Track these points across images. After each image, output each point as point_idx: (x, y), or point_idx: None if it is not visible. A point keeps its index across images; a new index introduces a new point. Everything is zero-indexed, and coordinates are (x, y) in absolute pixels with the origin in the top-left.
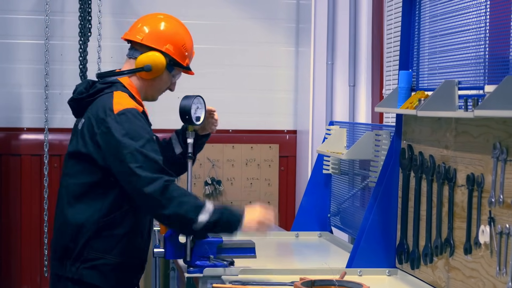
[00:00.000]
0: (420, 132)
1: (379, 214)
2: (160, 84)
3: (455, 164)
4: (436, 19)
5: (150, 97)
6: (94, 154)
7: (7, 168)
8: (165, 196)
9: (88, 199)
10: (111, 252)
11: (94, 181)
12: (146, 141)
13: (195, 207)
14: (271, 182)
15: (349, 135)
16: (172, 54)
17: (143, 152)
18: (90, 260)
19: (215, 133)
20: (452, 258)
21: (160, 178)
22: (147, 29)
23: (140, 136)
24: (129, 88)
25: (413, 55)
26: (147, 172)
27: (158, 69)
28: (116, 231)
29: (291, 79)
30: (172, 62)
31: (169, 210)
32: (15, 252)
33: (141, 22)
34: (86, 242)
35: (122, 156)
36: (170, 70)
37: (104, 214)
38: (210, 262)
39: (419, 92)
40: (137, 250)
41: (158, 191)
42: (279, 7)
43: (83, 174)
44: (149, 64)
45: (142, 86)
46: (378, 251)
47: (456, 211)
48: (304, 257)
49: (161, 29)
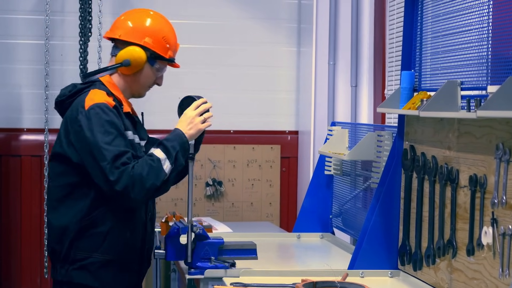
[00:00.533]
0: (422, 132)
1: (381, 215)
2: (143, 79)
3: (458, 165)
4: (438, 19)
5: (136, 94)
6: (70, 154)
7: (7, 169)
8: (135, 189)
9: (70, 201)
10: (97, 250)
11: (74, 181)
12: (114, 137)
13: (156, 171)
14: (272, 183)
15: (351, 135)
16: (151, 47)
17: (108, 149)
18: (78, 261)
19: (216, 133)
20: (455, 259)
21: (125, 171)
22: (126, 25)
23: (107, 131)
24: (108, 86)
25: (415, 55)
26: (113, 168)
27: (138, 63)
28: (99, 229)
29: (293, 80)
30: (153, 55)
31: (142, 193)
32: (15, 253)
33: (120, 19)
34: (71, 243)
35: (91, 153)
36: (152, 64)
37: (85, 214)
38: (211, 264)
39: (422, 93)
40: (127, 247)
41: (130, 186)
42: (280, 7)
43: (63, 176)
44: (128, 59)
45: (125, 82)
46: (380, 253)
47: (458, 212)
48: (306, 259)
49: (139, 23)
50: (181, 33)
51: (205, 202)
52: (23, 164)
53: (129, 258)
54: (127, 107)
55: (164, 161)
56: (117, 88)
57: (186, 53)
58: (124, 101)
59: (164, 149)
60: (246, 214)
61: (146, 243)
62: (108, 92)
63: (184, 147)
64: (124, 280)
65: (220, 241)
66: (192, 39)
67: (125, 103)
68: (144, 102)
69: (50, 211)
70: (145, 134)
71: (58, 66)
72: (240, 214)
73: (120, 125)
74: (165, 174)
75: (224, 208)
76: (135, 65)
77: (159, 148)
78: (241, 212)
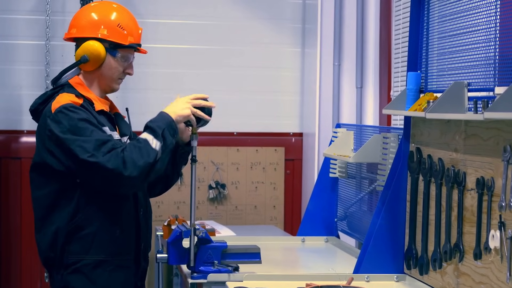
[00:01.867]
0: (428, 134)
1: (387, 219)
2: (108, 71)
3: (465, 168)
4: (445, 19)
5: (108, 88)
6: (50, 162)
7: (7, 172)
8: (127, 166)
9: (58, 207)
10: (88, 252)
11: (57, 188)
12: (91, 131)
13: (145, 150)
14: (276, 185)
15: (356, 137)
16: (107, 37)
17: (87, 140)
18: (71, 265)
19: (219, 135)
20: (462, 263)
21: (113, 153)
22: (79, 22)
23: (81, 129)
24: (77, 87)
25: (421, 56)
26: (99, 155)
27: (96, 57)
28: (86, 230)
29: (297, 81)
30: (112, 45)
31: (136, 170)
32: (15, 258)
33: (74, 17)
34: (62, 247)
35: (72, 151)
36: (113, 54)
37: (71, 217)
38: (214, 268)
39: (428, 94)
40: (118, 246)
41: (121, 165)
42: (284, 7)
43: (45, 186)
44: (84, 55)
45: (91, 79)
46: (386, 256)
47: (465, 216)
48: (311, 263)
49: (91, 16)
50: (182, 33)
51: (208, 205)
52: (23, 167)
53: (123, 257)
54: (100, 105)
55: (151, 141)
56: (85, 87)
57: (188, 54)
58: (96, 100)
59: (149, 130)
60: (250, 218)
61: (141, 240)
62: (77, 94)
63: (171, 126)
64: (119, 279)
65: (223, 245)
66: (194, 39)
67: (98, 102)
68: (144, 103)
69: (36, 231)
70: (127, 130)
71: (59, 67)
72: (243, 218)
73: (93, 120)
74: (156, 151)
75: (227, 211)
76: (94, 59)
77: (144, 132)
78: (245, 215)
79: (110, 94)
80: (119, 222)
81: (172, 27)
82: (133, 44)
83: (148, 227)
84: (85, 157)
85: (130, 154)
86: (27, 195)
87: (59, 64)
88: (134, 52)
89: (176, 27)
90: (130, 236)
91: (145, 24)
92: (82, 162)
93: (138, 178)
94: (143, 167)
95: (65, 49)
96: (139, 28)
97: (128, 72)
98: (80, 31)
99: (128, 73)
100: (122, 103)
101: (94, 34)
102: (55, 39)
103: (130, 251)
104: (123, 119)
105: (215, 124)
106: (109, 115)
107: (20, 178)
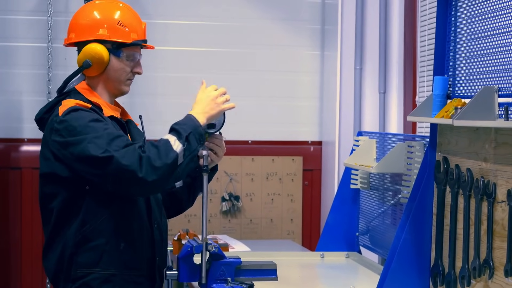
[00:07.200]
0: (456, 143)
1: (412, 233)
2: (114, 73)
3: (495, 178)
4: (474, 20)
5: (117, 91)
6: (58, 170)
7: (7, 182)
8: (143, 167)
9: (67, 217)
10: (97, 265)
11: (68, 196)
12: (103, 128)
13: (164, 151)
14: (294, 197)
15: (379, 146)
16: (108, 38)
17: (101, 135)
18: (79, 278)
19: (233, 144)
20: (492, 280)
21: (129, 149)
22: (77, 25)
23: (91, 127)
24: (84, 93)
25: (449, 60)
26: (114, 150)
27: (99, 60)
28: (96, 241)
29: (316, 86)
30: (114, 45)
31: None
32: (15, 269)
33: (71, 21)
34: (70, 259)
35: (84, 151)
36: (117, 55)
37: (80, 226)
38: (227, 286)
39: (456, 100)
40: (130, 261)
41: (136, 163)
42: (302, 7)
43: (55, 197)
44: (87, 59)
45: (98, 84)
46: (410, 273)
47: (495, 230)
48: (330, 280)
49: (88, 18)
50: (193, 34)
51: (221, 219)
52: (23, 177)
53: (135, 272)
54: (109, 111)
55: (173, 142)
56: (93, 93)
57: (199, 57)
58: (105, 106)
59: (173, 132)
60: (266, 232)
61: (156, 254)
62: (84, 100)
63: (197, 131)
64: None
65: (237, 261)
66: (207, 41)
67: (107, 108)
68: (156, 110)
69: (50, 228)
70: (139, 138)
71: (62, 71)
72: (258, 232)
73: (100, 118)
74: (176, 153)
75: (241, 225)
76: (97, 62)
77: (168, 134)
78: (260, 229)
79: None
80: (131, 235)
81: (183, 28)
82: (137, 41)
83: (162, 240)
84: (98, 153)
85: (148, 152)
86: (28, 208)
87: (61, 68)
88: (140, 49)
89: (186, 28)
90: (143, 250)
91: (154, 25)
92: (95, 161)
93: (153, 183)
94: (159, 168)
95: (68, 52)
96: (142, 23)
97: (136, 72)
98: (78, 35)
99: (137, 73)
100: (129, 109)
101: (93, 36)
102: (57, 41)
103: (142, 266)
104: (135, 126)
105: (229, 132)
106: (120, 121)
107: (21, 190)
